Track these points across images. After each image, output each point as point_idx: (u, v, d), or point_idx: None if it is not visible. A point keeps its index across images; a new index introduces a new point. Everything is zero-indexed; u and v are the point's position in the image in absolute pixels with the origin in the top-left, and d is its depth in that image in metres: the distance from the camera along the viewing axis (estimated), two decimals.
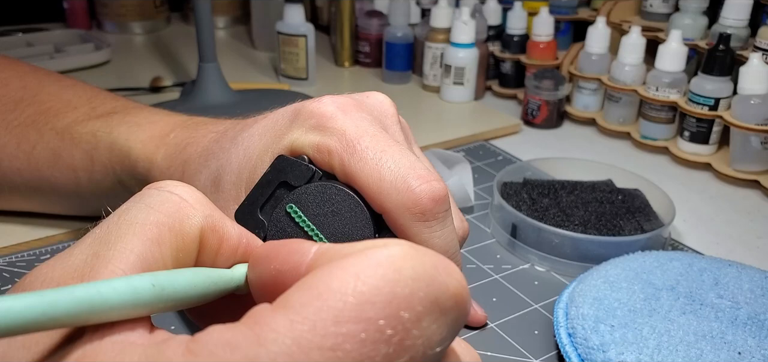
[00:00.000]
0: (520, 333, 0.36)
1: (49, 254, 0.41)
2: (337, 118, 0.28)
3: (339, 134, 0.27)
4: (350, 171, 0.27)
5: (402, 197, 0.26)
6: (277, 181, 0.27)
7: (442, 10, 0.73)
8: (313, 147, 0.28)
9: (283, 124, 0.29)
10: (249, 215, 0.27)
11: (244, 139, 0.30)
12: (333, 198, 0.27)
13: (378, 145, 0.27)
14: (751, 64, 0.54)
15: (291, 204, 0.26)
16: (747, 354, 0.31)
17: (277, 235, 0.26)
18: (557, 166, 0.53)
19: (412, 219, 0.26)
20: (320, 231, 0.26)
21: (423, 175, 0.26)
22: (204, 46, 0.61)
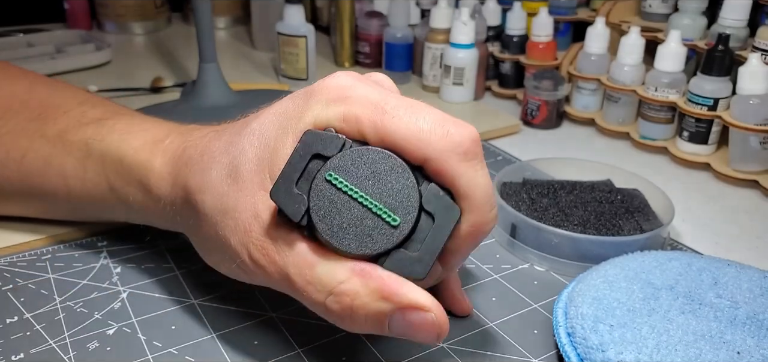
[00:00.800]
0: (520, 333, 0.36)
1: (50, 254, 0.42)
2: (356, 87, 0.29)
3: (363, 100, 0.28)
4: (386, 129, 0.27)
5: (445, 142, 0.27)
6: (309, 154, 0.27)
7: (441, 11, 0.73)
8: (338, 118, 0.28)
9: (299, 105, 0.30)
10: (285, 192, 0.27)
11: (256, 129, 0.30)
12: (369, 160, 0.27)
13: (405, 103, 0.28)
14: (750, 64, 0.55)
15: (330, 172, 0.27)
16: (746, 353, 0.31)
17: (321, 204, 0.27)
18: (556, 166, 0.53)
19: (458, 160, 0.27)
20: (364, 192, 0.27)
21: (457, 121, 0.28)
22: (204, 46, 0.61)
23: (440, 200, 0.27)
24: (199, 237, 0.33)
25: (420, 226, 0.27)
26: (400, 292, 0.27)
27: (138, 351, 0.34)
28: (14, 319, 0.36)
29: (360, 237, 0.27)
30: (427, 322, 0.27)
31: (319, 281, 0.28)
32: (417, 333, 0.27)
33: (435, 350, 0.34)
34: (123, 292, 0.38)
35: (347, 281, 0.27)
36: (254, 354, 0.34)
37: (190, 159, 0.33)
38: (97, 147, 0.37)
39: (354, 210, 0.27)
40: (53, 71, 0.78)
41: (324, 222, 0.27)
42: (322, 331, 0.36)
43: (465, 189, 0.28)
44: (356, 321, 0.28)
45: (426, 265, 0.27)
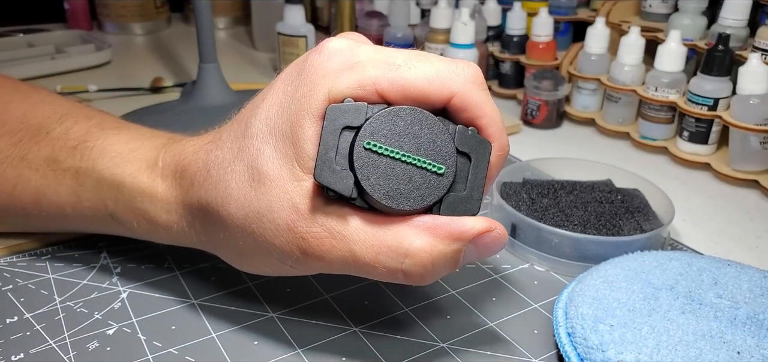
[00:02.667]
0: (520, 333, 0.36)
1: (50, 254, 0.42)
2: (356, 51, 0.29)
3: (372, 62, 0.29)
4: (406, 80, 0.28)
5: (464, 75, 0.29)
6: (338, 129, 0.28)
7: (441, 11, 0.73)
8: (353, 86, 0.28)
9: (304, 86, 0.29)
10: (329, 171, 0.28)
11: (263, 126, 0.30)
12: (398, 118, 0.28)
13: (410, 53, 0.30)
14: (751, 64, 0.54)
15: (367, 140, 0.28)
16: (746, 353, 0.31)
17: (368, 173, 0.28)
18: (557, 166, 0.53)
19: (477, 90, 0.29)
20: (405, 150, 0.28)
21: (460, 60, 0.30)
22: (204, 46, 0.61)
23: (472, 138, 0.29)
24: (233, 249, 0.32)
25: (459, 168, 0.29)
26: (467, 228, 0.28)
27: (138, 351, 0.34)
28: (14, 319, 0.36)
29: (413, 194, 0.28)
30: (494, 239, 0.29)
31: (389, 249, 0.28)
32: (487, 253, 0.29)
33: (435, 350, 0.35)
34: (123, 292, 0.38)
35: (418, 237, 0.28)
36: (254, 354, 0.34)
37: (194, 177, 0.32)
38: (90, 175, 0.36)
39: (399, 169, 0.28)
40: (53, 71, 0.78)
41: (376, 189, 0.28)
42: (322, 331, 0.36)
43: (489, 115, 0.29)
44: (437, 271, 0.29)
45: (477, 201, 0.29)
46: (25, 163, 0.37)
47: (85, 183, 0.36)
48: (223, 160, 0.31)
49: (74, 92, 0.71)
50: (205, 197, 0.31)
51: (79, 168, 0.36)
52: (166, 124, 0.40)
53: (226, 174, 0.30)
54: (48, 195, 0.37)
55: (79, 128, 0.38)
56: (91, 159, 0.36)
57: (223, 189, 0.30)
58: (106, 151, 0.36)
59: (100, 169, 0.36)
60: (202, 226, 0.33)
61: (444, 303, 0.38)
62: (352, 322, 0.36)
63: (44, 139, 0.38)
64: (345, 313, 0.37)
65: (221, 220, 0.31)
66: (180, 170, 0.33)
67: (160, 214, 0.34)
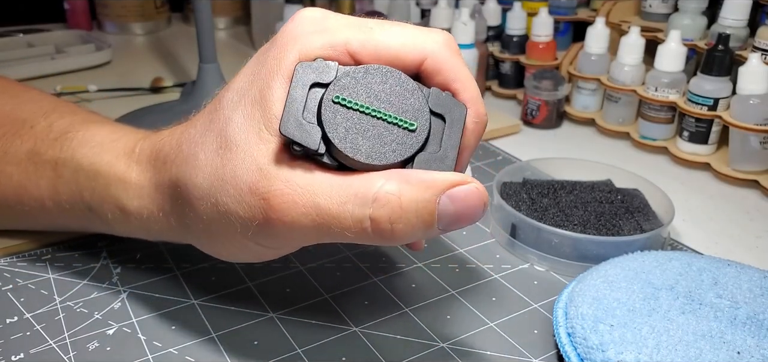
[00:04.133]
0: (520, 333, 0.36)
1: (50, 254, 0.42)
2: (330, 16, 0.29)
3: (345, 25, 0.29)
4: (378, 41, 0.28)
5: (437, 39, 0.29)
6: (307, 84, 0.27)
7: (441, 11, 0.73)
8: (325, 46, 0.28)
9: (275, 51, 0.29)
10: (295, 124, 0.27)
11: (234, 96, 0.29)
12: (370, 75, 0.28)
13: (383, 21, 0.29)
14: (750, 64, 0.54)
15: (336, 94, 0.27)
16: (746, 353, 0.31)
17: (336, 126, 0.27)
18: (556, 166, 0.53)
19: (450, 53, 0.29)
20: (375, 105, 0.27)
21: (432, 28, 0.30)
22: (204, 46, 0.61)
23: (446, 99, 0.28)
24: (202, 228, 0.31)
25: (433, 128, 0.28)
26: (440, 178, 0.27)
27: (138, 351, 0.34)
28: (14, 319, 0.36)
29: (384, 149, 0.27)
30: (473, 192, 0.27)
31: (356, 195, 0.26)
32: (465, 209, 0.27)
33: (435, 350, 0.35)
34: (123, 292, 0.38)
35: (387, 182, 0.26)
36: (254, 354, 0.34)
37: (167, 156, 0.32)
38: (68, 165, 0.36)
39: (369, 124, 0.27)
40: (53, 71, 0.78)
41: (345, 142, 0.27)
42: (322, 331, 0.36)
43: (464, 81, 0.29)
44: (408, 223, 0.26)
45: (451, 160, 0.28)
46: (8, 158, 0.38)
47: (64, 174, 0.36)
48: (195, 134, 0.30)
49: (74, 92, 0.71)
50: (176, 173, 0.31)
51: (59, 158, 0.36)
52: (166, 124, 0.40)
53: (195, 147, 0.30)
54: (28, 188, 0.37)
55: (63, 122, 0.38)
56: (71, 149, 0.36)
57: (193, 162, 0.30)
58: (86, 141, 0.36)
59: (78, 159, 0.36)
60: (172, 207, 0.32)
61: (444, 303, 0.38)
62: (352, 322, 0.36)
63: (28, 132, 0.38)
64: (345, 313, 0.37)
65: (188, 193, 0.30)
66: (154, 153, 0.33)
67: (131, 201, 0.34)
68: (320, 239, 0.28)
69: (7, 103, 0.40)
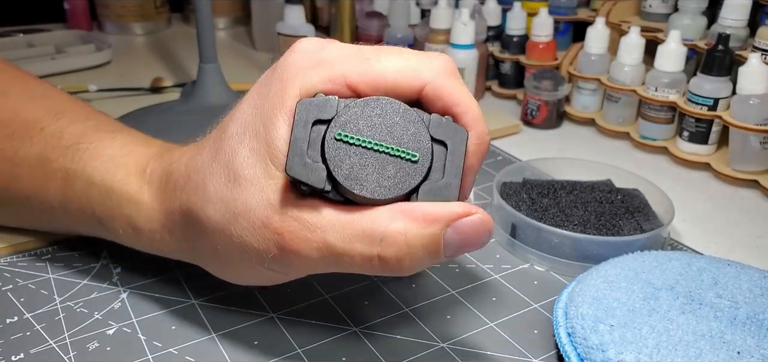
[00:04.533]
0: (520, 333, 0.36)
1: (50, 254, 0.42)
2: (326, 48, 0.29)
3: (342, 58, 0.29)
4: (376, 72, 0.28)
5: (434, 65, 0.29)
6: (309, 122, 0.27)
7: (441, 12, 0.73)
8: (324, 81, 0.28)
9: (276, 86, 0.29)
10: (300, 164, 0.27)
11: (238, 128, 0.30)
12: (370, 109, 0.28)
13: (380, 48, 0.29)
14: (750, 64, 0.55)
15: (338, 131, 0.27)
16: (746, 353, 0.31)
17: (340, 163, 0.27)
18: (556, 166, 0.53)
19: (449, 79, 0.29)
20: (377, 139, 0.28)
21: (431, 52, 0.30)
22: (204, 46, 0.61)
23: (447, 126, 0.28)
24: (213, 254, 0.32)
25: (435, 156, 0.28)
26: (442, 209, 0.27)
27: (138, 351, 0.34)
28: (14, 319, 0.36)
29: (387, 182, 0.27)
30: (477, 222, 0.27)
31: (364, 234, 0.27)
32: (470, 238, 0.27)
33: (435, 350, 0.35)
34: (123, 292, 0.38)
35: (392, 221, 0.27)
36: (254, 354, 0.34)
37: (176, 183, 0.33)
38: (79, 176, 0.36)
39: (372, 159, 0.27)
40: (53, 71, 0.78)
41: (349, 179, 0.27)
42: (322, 331, 0.36)
43: (464, 103, 0.29)
44: (415, 257, 0.27)
45: (454, 188, 0.28)
46: (18, 159, 0.37)
47: (75, 185, 0.36)
48: (202, 164, 0.31)
49: (74, 92, 0.71)
50: (186, 202, 0.31)
51: (69, 169, 0.36)
52: (166, 125, 0.40)
53: (204, 177, 0.31)
54: (38, 193, 0.37)
55: (74, 128, 0.38)
56: (83, 161, 0.36)
57: (202, 193, 0.30)
58: (98, 154, 0.36)
59: (90, 172, 0.36)
60: (183, 233, 0.33)
61: (444, 303, 0.38)
62: (352, 322, 0.36)
63: (38, 135, 0.38)
64: (345, 313, 0.37)
65: (200, 224, 0.31)
66: (165, 176, 0.34)
67: (144, 222, 0.34)
68: (331, 269, 0.29)
69: (17, 97, 0.40)
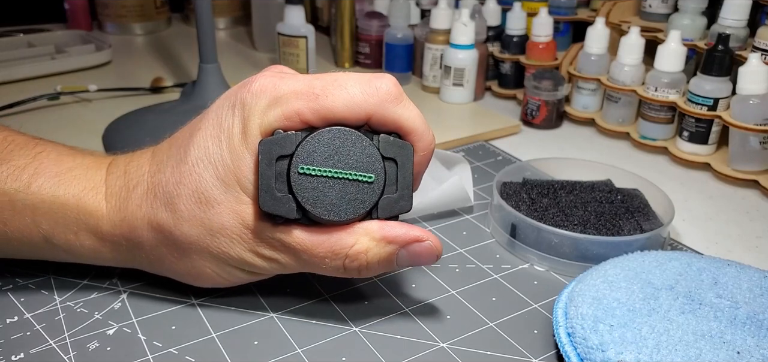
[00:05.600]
0: (520, 333, 0.36)
1: None
2: (279, 85, 0.32)
3: (294, 95, 0.32)
4: (326, 109, 0.31)
5: (378, 96, 0.32)
6: (273, 159, 0.31)
7: (441, 12, 0.73)
8: (279, 119, 0.31)
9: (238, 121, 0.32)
10: (272, 200, 0.31)
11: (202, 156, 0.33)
12: (325, 141, 0.31)
13: (328, 79, 0.32)
14: (750, 64, 0.55)
15: (300, 166, 0.31)
16: (746, 353, 0.31)
17: (306, 195, 0.31)
18: (556, 166, 0.53)
19: (391, 107, 0.32)
20: (335, 168, 0.31)
21: (376, 75, 0.33)
22: (205, 46, 0.61)
23: (394, 144, 0.32)
24: (182, 263, 0.35)
25: (388, 173, 0.32)
26: (400, 233, 0.33)
27: (138, 351, 0.34)
28: (14, 319, 0.36)
29: (350, 205, 0.32)
30: (427, 248, 0.33)
31: (332, 253, 0.32)
32: (420, 260, 0.34)
33: (435, 350, 0.35)
34: (123, 292, 0.38)
35: (357, 242, 0.32)
36: (254, 354, 0.34)
37: (141, 198, 0.34)
38: (21, 198, 0.34)
39: (334, 186, 0.31)
40: (53, 71, 0.78)
41: (317, 208, 0.31)
42: (322, 331, 0.36)
43: (408, 124, 0.33)
44: (371, 269, 0.33)
45: (408, 199, 0.33)
46: None
47: (14, 206, 0.34)
48: (167, 184, 0.33)
49: (74, 92, 0.71)
50: (154, 218, 0.34)
51: (8, 190, 0.34)
52: (166, 125, 0.40)
53: (172, 198, 0.33)
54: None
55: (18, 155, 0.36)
56: (24, 181, 0.34)
57: (173, 212, 0.33)
58: (40, 173, 0.35)
59: (35, 191, 0.34)
60: (152, 245, 0.35)
61: (444, 303, 0.38)
62: (352, 322, 0.36)
63: None
64: (345, 313, 0.37)
65: (174, 238, 0.34)
66: (125, 192, 0.35)
67: (106, 233, 0.35)
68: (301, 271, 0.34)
69: None
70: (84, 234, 0.35)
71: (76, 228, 0.35)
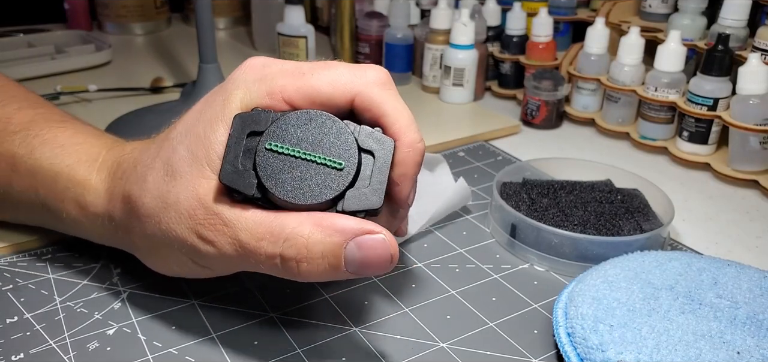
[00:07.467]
0: (520, 333, 0.36)
1: (50, 254, 0.42)
2: (270, 64, 0.32)
3: (281, 72, 0.31)
4: (312, 86, 0.31)
5: (366, 78, 0.31)
6: (244, 134, 0.30)
7: (441, 12, 0.73)
8: (262, 94, 0.31)
9: (221, 96, 0.32)
10: (232, 172, 0.29)
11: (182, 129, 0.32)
12: (301, 121, 0.30)
13: (319, 64, 0.31)
14: (750, 64, 0.55)
15: (269, 141, 0.29)
16: (746, 353, 0.31)
17: (269, 172, 0.29)
18: (556, 166, 0.53)
19: (378, 90, 0.31)
20: (304, 149, 0.29)
21: (368, 64, 0.32)
22: (204, 47, 0.61)
23: (374, 135, 0.30)
24: (143, 241, 0.34)
25: (363, 165, 0.30)
26: (350, 224, 0.29)
27: (138, 351, 0.34)
28: (14, 319, 0.36)
29: (313, 189, 0.29)
30: (380, 242, 0.28)
31: (271, 233, 0.29)
32: (372, 258, 0.28)
33: (435, 350, 0.35)
34: (123, 292, 0.38)
35: (300, 224, 0.29)
36: (254, 354, 0.34)
37: (124, 172, 0.34)
38: (26, 161, 0.37)
39: (300, 167, 0.29)
40: (53, 71, 0.78)
41: (278, 187, 0.29)
42: (322, 331, 0.36)
43: (392, 112, 0.31)
44: (313, 263, 0.29)
45: (380, 194, 0.29)
46: None
47: (21, 169, 0.37)
48: (148, 158, 0.33)
49: (74, 92, 0.71)
50: (128, 190, 0.33)
51: (16, 153, 0.37)
52: (166, 125, 0.40)
53: (147, 169, 0.33)
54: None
55: (22, 115, 0.39)
56: (31, 146, 0.37)
57: (142, 183, 0.33)
58: (48, 142, 0.37)
59: (37, 157, 0.37)
60: (121, 218, 0.34)
61: (443, 303, 0.38)
62: (352, 322, 0.36)
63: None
64: (345, 313, 0.37)
65: (136, 210, 0.33)
66: (114, 167, 0.35)
67: (89, 202, 0.36)
68: (244, 268, 0.31)
69: None
70: (70, 203, 0.36)
71: (63, 196, 0.36)
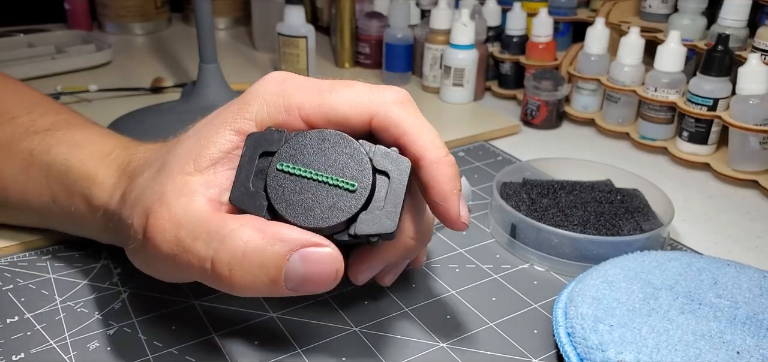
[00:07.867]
0: (520, 333, 0.36)
1: (50, 254, 0.42)
2: (288, 80, 0.31)
3: (299, 89, 0.30)
4: (329, 105, 0.29)
5: (384, 97, 0.30)
6: (256, 154, 0.29)
7: (441, 12, 0.73)
8: (279, 111, 0.30)
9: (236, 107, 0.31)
10: (244, 193, 0.28)
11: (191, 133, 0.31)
12: (314, 141, 0.29)
13: (338, 82, 0.31)
14: (750, 64, 0.55)
15: (280, 162, 0.28)
16: (745, 353, 0.31)
17: (280, 194, 0.28)
18: (556, 166, 0.53)
19: (397, 109, 0.30)
20: (316, 170, 0.28)
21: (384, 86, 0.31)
22: (205, 47, 0.61)
23: (389, 155, 0.29)
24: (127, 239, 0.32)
25: (378, 187, 0.29)
26: (294, 235, 0.27)
27: (138, 351, 0.34)
28: (15, 319, 0.36)
29: (325, 211, 0.28)
30: (325, 256, 0.26)
31: (208, 233, 0.27)
32: (315, 274, 0.26)
33: (435, 350, 0.35)
34: (123, 292, 0.38)
35: (241, 228, 0.26)
36: (254, 354, 0.34)
37: (133, 171, 0.34)
38: (42, 158, 0.37)
39: (312, 189, 0.28)
40: (53, 71, 0.78)
41: (288, 209, 0.28)
42: (322, 331, 0.36)
43: (412, 130, 0.29)
44: (248, 272, 0.26)
45: (393, 217, 0.28)
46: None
47: (35, 165, 0.37)
48: (155, 159, 0.33)
49: (74, 92, 0.71)
50: (126, 186, 0.33)
51: (34, 150, 0.38)
52: (166, 124, 0.40)
53: (148, 167, 0.32)
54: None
55: (45, 119, 0.39)
56: (48, 144, 0.37)
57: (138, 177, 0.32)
58: (64, 141, 0.37)
59: (53, 155, 0.37)
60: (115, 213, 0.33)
61: (444, 303, 0.38)
62: (352, 322, 0.36)
63: (8, 123, 0.39)
64: (345, 313, 0.37)
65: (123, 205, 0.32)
66: (125, 164, 0.35)
67: (94, 196, 0.35)
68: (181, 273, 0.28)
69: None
70: (78, 197, 0.36)
71: (73, 190, 0.36)
